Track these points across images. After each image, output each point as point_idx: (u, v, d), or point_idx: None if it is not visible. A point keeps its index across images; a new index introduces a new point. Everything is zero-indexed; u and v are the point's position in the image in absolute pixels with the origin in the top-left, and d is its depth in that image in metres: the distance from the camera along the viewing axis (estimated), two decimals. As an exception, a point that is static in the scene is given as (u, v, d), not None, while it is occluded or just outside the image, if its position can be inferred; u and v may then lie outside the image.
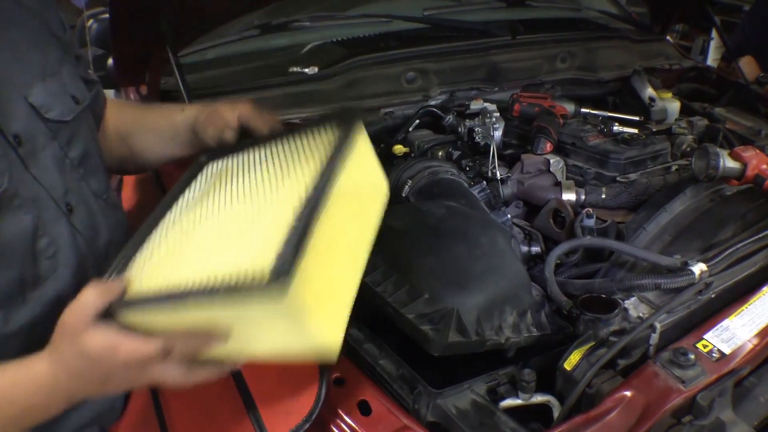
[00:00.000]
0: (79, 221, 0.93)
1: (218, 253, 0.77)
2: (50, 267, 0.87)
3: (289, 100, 1.59)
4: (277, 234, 0.72)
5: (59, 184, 0.90)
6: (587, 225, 1.25)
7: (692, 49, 4.47)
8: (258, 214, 0.81)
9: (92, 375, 0.76)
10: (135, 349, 0.73)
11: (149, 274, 0.80)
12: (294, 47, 1.77)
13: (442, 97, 1.73)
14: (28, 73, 0.88)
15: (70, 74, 0.98)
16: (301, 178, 0.84)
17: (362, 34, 1.84)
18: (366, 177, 0.94)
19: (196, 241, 0.83)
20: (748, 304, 1.03)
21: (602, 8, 2.24)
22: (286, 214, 0.75)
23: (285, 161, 0.92)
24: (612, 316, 0.96)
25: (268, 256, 0.68)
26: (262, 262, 0.68)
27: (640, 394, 0.87)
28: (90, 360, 0.74)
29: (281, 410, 0.88)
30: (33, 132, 0.87)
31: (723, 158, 1.25)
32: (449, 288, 0.97)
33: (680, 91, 2.01)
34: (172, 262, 0.81)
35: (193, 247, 0.82)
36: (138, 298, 0.76)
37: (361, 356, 0.99)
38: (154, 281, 0.77)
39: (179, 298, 0.71)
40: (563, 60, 1.91)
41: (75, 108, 0.96)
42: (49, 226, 0.87)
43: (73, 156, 0.95)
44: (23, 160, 0.84)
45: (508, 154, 1.54)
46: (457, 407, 0.90)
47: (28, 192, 0.84)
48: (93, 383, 0.77)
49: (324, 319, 0.74)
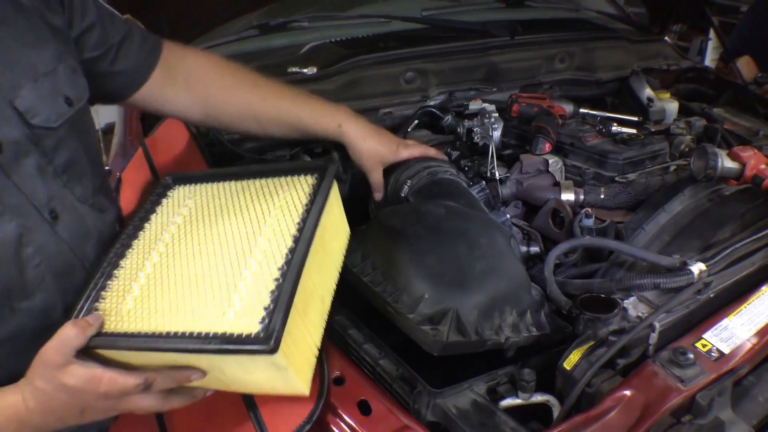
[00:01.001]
0: (64, 229, 0.91)
1: (203, 297, 0.82)
2: (37, 276, 0.86)
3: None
4: (262, 287, 0.80)
5: (42, 191, 0.88)
6: (586, 225, 1.25)
7: (690, 49, 4.48)
8: (239, 260, 0.86)
9: (71, 407, 0.78)
10: (116, 381, 0.77)
11: (129, 309, 0.84)
12: (293, 47, 1.77)
13: (441, 97, 1.73)
14: (17, 74, 0.86)
15: (68, 71, 0.94)
16: (281, 226, 0.90)
17: (361, 35, 1.84)
18: (335, 226, 1.01)
19: (177, 278, 0.86)
20: (747, 304, 1.03)
21: (601, 9, 2.24)
22: (269, 265, 0.83)
23: (261, 205, 0.96)
24: (611, 315, 0.96)
25: (256, 311, 0.76)
26: (250, 316, 0.76)
27: (640, 393, 0.87)
28: (71, 393, 0.76)
29: (282, 410, 0.88)
30: (16, 138, 0.84)
31: (721, 158, 1.25)
32: (449, 288, 0.97)
33: (678, 91, 2.02)
34: (153, 299, 0.84)
35: (175, 285, 0.85)
36: (119, 335, 0.80)
37: (361, 356, 0.99)
38: (134, 319, 0.81)
39: (166, 341, 0.77)
40: (562, 60, 1.91)
41: (65, 112, 0.92)
42: (34, 235, 0.86)
43: (58, 163, 0.92)
44: (3, 168, 0.82)
45: (506, 154, 1.55)
46: (457, 407, 0.90)
47: (10, 199, 0.83)
48: (71, 416, 0.79)
49: (299, 364, 0.83)
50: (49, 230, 0.88)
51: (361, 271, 1.05)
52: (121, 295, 0.86)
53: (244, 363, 0.78)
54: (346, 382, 0.93)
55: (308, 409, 0.87)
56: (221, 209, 0.98)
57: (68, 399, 0.77)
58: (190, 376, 0.80)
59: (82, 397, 0.77)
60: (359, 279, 1.03)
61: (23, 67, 0.87)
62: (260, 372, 0.80)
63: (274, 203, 0.95)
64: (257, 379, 0.83)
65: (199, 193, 1.04)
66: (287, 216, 0.91)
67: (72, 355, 0.76)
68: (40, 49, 0.90)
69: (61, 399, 0.77)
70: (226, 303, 0.79)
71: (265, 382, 0.84)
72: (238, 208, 0.97)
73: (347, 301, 1.02)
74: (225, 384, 0.86)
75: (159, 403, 0.82)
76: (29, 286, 0.85)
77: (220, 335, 0.75)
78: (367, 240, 1.10)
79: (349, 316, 1.06)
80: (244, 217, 0.94)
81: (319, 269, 0.91)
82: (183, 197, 1.04)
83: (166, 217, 0.99)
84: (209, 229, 0.94)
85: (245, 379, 0.84)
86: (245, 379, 0.84)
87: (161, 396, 0.82)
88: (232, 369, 0.81)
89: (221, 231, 0.93)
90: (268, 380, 0.83)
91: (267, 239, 0.88)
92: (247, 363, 0.78)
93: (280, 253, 0.84)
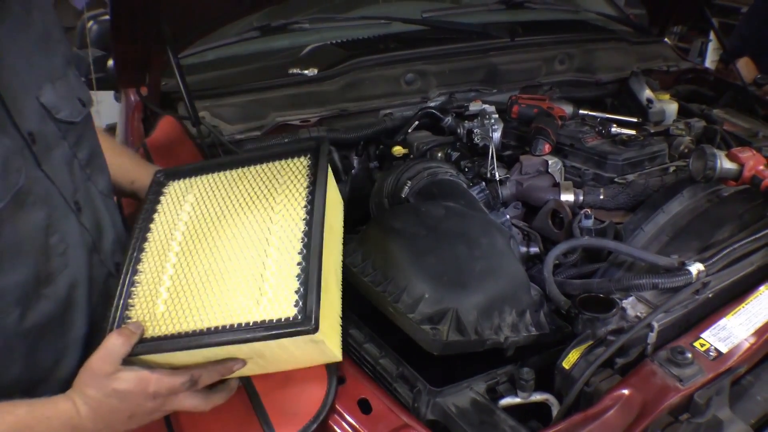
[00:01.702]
0: (86, 220, 0.95)
1: (233, 290, 0.86)
2: (62, 263, 0.89)
3: (289, 101, 1.59)
4: (287, 273, 0.85)
5: (68, 182, 0.92)
6: (585, 225, 1.26)
7: (690, 50, 4.48)
8: (257, 249, 0.90)
9: (121, 412, 0.82)
10: (164, 381, 0.81)
11: (162, 312, 0.87)
12: (294, 49, 1.78)
13: (441, 98, 1.74)
14: (38, 76, 0.90)
15: (76, 77, 0.99)
16: (289, 211, 0.93)
17: (362, 36, 1.85)
18: (334, 201, 1.05)
19: (202, 276, 0.89)
20: (745, 304, 1.04)
21: (600, 10, 2.24)
22: (288, 251, 0.87)
23: (263, 191, 0.99)
24: (610, 315, 0.96)
25: (288, 296, 0.82)
26: (284, 302, 0.81)
27: (638, 392, 0.88)
28: (122, 398, 0.80)
29: (289, 411, 0.89)
30: (45, 131, 0.88)
31: (720, 159, 1.25)
32: (449, 288, 0.97)
33: (678, 92, 2.03)
34: (184, 300, 0.87)
35: (202, 283, 0.88)
36: (162, 339, 0.83)
37: (361, 355, 0.99)
38: (170, 321, 0.85)
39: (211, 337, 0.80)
40: (561, 62, 1.92)
41: (82, 110, 0.97)
42: (60, 223, 0.89)
43: (81, 156, 0.97)
44: (36, 158, 0.85)
45: (506, 155, 1.55)
46: (456, 406, 0.90)
47: (40, 189, 0.86)
48: (120, 420, 0.83)
49: (330, 334, 0.87)
50: (74, 220, 0.92)
51: (362, 271, 1.05)
52: (150, 300, 0.88)
53: (286, 345, 0.81)
54: (346, 380, 0.93)
55: (315, 409, 0.87)
56: (225, 200, 0.99)
57: (119, 404, 0.81)
58: (233, 366, 0.84)
59: (132, 400, 0.81)
60: (360, 279, 1.04)
61: (43, 71, 0.91)
62: (299, 350, 0.84)
63: (276, 189, 0.98)
64: (296, 356, 0.87)
65: (195, 186, 1.05)
66: (292, 200, 0.94)
67: (119, 363, 0.80)
68: (53, 57, 0.94)
69: (112, 404, 0.80)
70: (258, 293, 0.83)
71: (302, 358, 0.88)
72: (242, 198, 0.99)
73: (348, 300, 1.02)
74: (263, 368, 0.90)
75: (202, 402, 0.86)
76: (54, 272, 0.88)
77: (261, 323, 0.80)
78: (368, 240, 1.10)
79: (349, 315, 1.06)
80: (250, 206, 0.96)
81: (330, 244, 0.95)
82: (181, 193, 1.05)
83: (169, 215, 1.01)
84: (219, 222, 0.96)
85: (283, 359, 0.88)
86: (283, 359, 0.88)
87: (203, 394, 0.86)
88: (273, 352, 0.84)
89: (232, 223, 0.95)
90: (305, 355, 0.87)
91: (279, 225, 0.91)
92: (289, 344, 0.81)
93: (296, 238, 0.88)
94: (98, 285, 0.97)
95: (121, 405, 0.81)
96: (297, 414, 0.87)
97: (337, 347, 0.90)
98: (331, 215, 0.99)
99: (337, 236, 1.06)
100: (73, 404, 0.80)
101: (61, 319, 0.89)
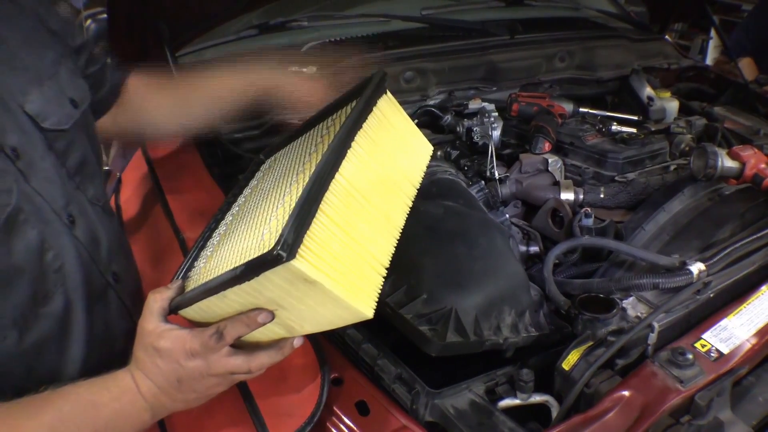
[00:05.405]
0: (80, 233, 0.92)
1: (250, 239, 0.80)
2: (57, 280, 0.87)
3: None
4: (290, 209, 0.72)
5: (59, 195, 0.89)
6: (585, 224, 1.25)
7: (691, 48, 4.47)
8: (282, 194, 0.83)
9: (167, 374, 0.79)
10: (195, 336, 0.78)
11: (201, 269, 0.87)
12: (292, 47, 1.77)
13: (441, 96, 1.73)
14: (23, 79, 0.86)
15: (68, 74, 0.94)
16: (320, 151, 0.86)
17: (361, 34, 1.84)
18: (395, 139, 0.93)
19: (238, 232, 0.86)
20: (747, 304, 1.03)
21: (601, 7, 2.23)
22: (300, 189, 0.75)
23: (313, 140, 0.94)
24: (610, 315, 0.96)
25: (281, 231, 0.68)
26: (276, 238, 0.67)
27: (639, 393, 0.87)
28: (164, 356, 0.78)
29: (283, 412, 0.88)
30: (30, 143, 0.85)
31: (721, 157, 1.25)
32: (447, 288, 0.97)
33: (679, 90, 2.01)
34: (218, 255, 0.86)
35: (230, 241, 0.86)
36: (188, 292, 0.82)
37: (359, 356, 0.99)
38: (203, 277, 0.84)
39: (209, 282, 0.77)
40: (562, 59, 1.91)
41: (73, 113, 0.93)
42: (54, 239, 0.86)
43: (71, 165, 0.93)
44: (23, 173, 0.82)
45: (506, 153, 1.54)
46: (455, 407, 0.90)
47: (31, 206, 0.83)
48: (170, 385, 0.79)
49: (351, 282, 0.74)
50: (68, 234, 0.89)
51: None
52: (202, 260, 0.89)
53: (280, 284, 0.71)
54: (344, 382, 0.93)
55: (309, 411, 0.87)
56: (282, 161, 0.98)
57: (163, 364, 0.78)
58: (256, 317, 0.76)
59: (173, 358, 0.78)
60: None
61: (29, 72, 0.87)
62: (306, 296, 0.73)
63: (321, 134, 0.93)
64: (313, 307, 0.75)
65: (276, 156, 1.04)
66: (328, 140, 0.87)
67: (161, 320, 0.80)
68: (42, 53, 0.90)
69: (158, 364, 0.78)
70: (267, 231, 0.76)
71: (322, 311, 0.76)
72: (294, 155, 0.95)
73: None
74: (293, 325, 0.80)
75: (245, 362, 0.80)
76: (50, 290, 0.86)
77: (248, 262, 0.70)
78: (366, 240, 1.10)
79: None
80: (295, 160, 0.92)
81: (372, 183, 0.83)
82: (266, 167, 1.05)
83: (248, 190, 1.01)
84: (267, 183, 0.94)
85: (305, 311, 0.77)
86: (305, 311, 0.77)
87: (246, 353, 0.80)
88: (285, 300, 0.74)
89: (273, 180, 0.92)
90: (320, 306, 0.75)
91: (307, 167, 0.84)
92: (282, 283, 0.71)
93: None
94: (96, 297, 0.95)
95: (166, 365, 0.78)
96: (292, 415, 0.87)
97: (363, 302, 0.75)
98: (387, 152, 0.88)
99: (396, 179, 0.90)
100: (127, 371, 0.80)
101: (58, 337, 0.87)
